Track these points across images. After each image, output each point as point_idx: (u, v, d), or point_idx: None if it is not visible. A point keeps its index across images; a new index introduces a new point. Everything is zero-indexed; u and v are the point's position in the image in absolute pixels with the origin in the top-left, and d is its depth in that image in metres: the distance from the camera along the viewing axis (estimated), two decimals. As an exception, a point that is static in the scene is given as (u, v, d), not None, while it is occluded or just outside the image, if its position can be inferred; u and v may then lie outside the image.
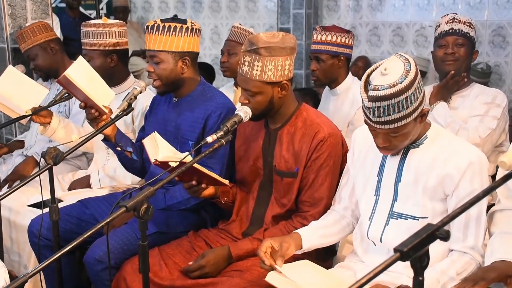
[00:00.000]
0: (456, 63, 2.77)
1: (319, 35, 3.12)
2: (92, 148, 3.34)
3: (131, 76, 3.34)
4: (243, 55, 2.24)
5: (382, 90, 1.82)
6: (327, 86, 3.35)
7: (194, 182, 2.28)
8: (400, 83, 1.81)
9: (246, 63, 2.23)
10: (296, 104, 2.39)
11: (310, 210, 2.32)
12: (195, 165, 2.11)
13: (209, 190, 2.37)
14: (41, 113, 2.98)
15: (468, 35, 2.77)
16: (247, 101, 2.26)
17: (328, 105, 3.31)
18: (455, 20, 2.79)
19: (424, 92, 1.92)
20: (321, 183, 2.30)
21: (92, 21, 3.13)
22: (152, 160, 2.18)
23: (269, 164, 2.40)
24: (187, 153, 2.12)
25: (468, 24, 2.78)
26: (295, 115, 2.37)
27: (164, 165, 2.15)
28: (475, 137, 2.64)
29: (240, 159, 2.53)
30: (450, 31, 2.78)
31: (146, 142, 2.30)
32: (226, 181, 2.33)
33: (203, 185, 2.30)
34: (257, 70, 2.21)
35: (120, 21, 3.24)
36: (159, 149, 2.17)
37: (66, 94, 2.79)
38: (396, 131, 1.89)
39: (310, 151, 2.29)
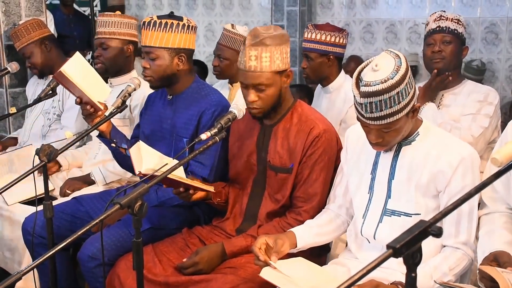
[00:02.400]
0: (443, 61, 2.77)
1: (309, 33, 3.14)
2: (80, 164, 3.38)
3: (134, 70, 3.36)
4: (248, 50, 2.22)
5: (374, 85, 1.84)
6: (319, 84, 3.36)
7: (181, 189, 2.29)
8: (392, 79, 1.83)
9: (253, 58, 2.21)
10: (292, 100, 2.40)
11: (303, 206, 2.33)
12: (178, 177, 2.14)
13: (200, 194, 2.36)
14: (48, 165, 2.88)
15: (455, 31, 2.76)
16: (257, 99, 2.26)
17: (320, 102, 3.32)
18: (442, 17, 2.78)
19: (415, 87, 1.94)
20: (315, 178, 2.31)
21: (109, 12, 3.20)
22: (136, 172, 2.18)
23: (263, 159, 2.41)
24: (173, 161, 2.08)
25: (455, 21, 2.76)
26: (290, 111, 2.37)
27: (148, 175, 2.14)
28: (468, 137, 2.64)
29: (233, 156, 2.53)
30: (437, 29, 2.78)
31: (132, 151, 2.29)
32: (211, 188, 2.34)
33: (191, 191, 2.31)
34: (266, 62, 2.21)
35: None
36: (142, 161, 2.16)
37: (50, 92, 2.81)
38: (389, 126, 1.91)
39: (305, 147, 2.30)
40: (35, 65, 3.49)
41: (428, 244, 1.73)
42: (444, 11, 2.83)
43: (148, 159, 2.18)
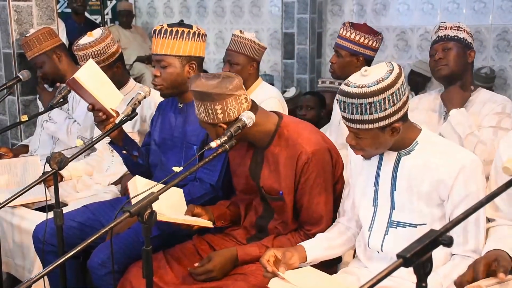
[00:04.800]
0: (447, 67, 2.75)
1: (345, 30, 3.21)
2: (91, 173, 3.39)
3: (131, 78, 3.37)
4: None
5: (350, 87, 1.86)
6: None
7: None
8: (368, 87, 1.83)
9: None
10: (277, 119, 2.31)
11: (312, 229, 2.29)
12: (175, 219, 2.18)
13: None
14: None
15: (456, 37, 2.75)
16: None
17: None
18: (441, 27, 2.81)
19: (400, 107, 1.89)
20: (316, 203, 2.27)
21: (82, 43, 3.10)
22: None
23: (258, 185, 2.37)
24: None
25: (455, 28, 2.77)
26: (277, 134, 2.29)
27: None
28: (492, 154, 2.53)
29: (234, 173, 2.49)
30: (437, 39, 2.80)
31: (130, 184, 2.29)
32: (210, 223, 2.33)
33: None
34: None
35: (103, 28, 3.23)
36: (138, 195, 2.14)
37: (61, 100, 2.83)
38: (358, 133, 1.91)
39: (297, 175, 2.24)
40: (46, 75, 3.50)
41: (438, 253, 1.71)
42: (444, 22, 2.85)
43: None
